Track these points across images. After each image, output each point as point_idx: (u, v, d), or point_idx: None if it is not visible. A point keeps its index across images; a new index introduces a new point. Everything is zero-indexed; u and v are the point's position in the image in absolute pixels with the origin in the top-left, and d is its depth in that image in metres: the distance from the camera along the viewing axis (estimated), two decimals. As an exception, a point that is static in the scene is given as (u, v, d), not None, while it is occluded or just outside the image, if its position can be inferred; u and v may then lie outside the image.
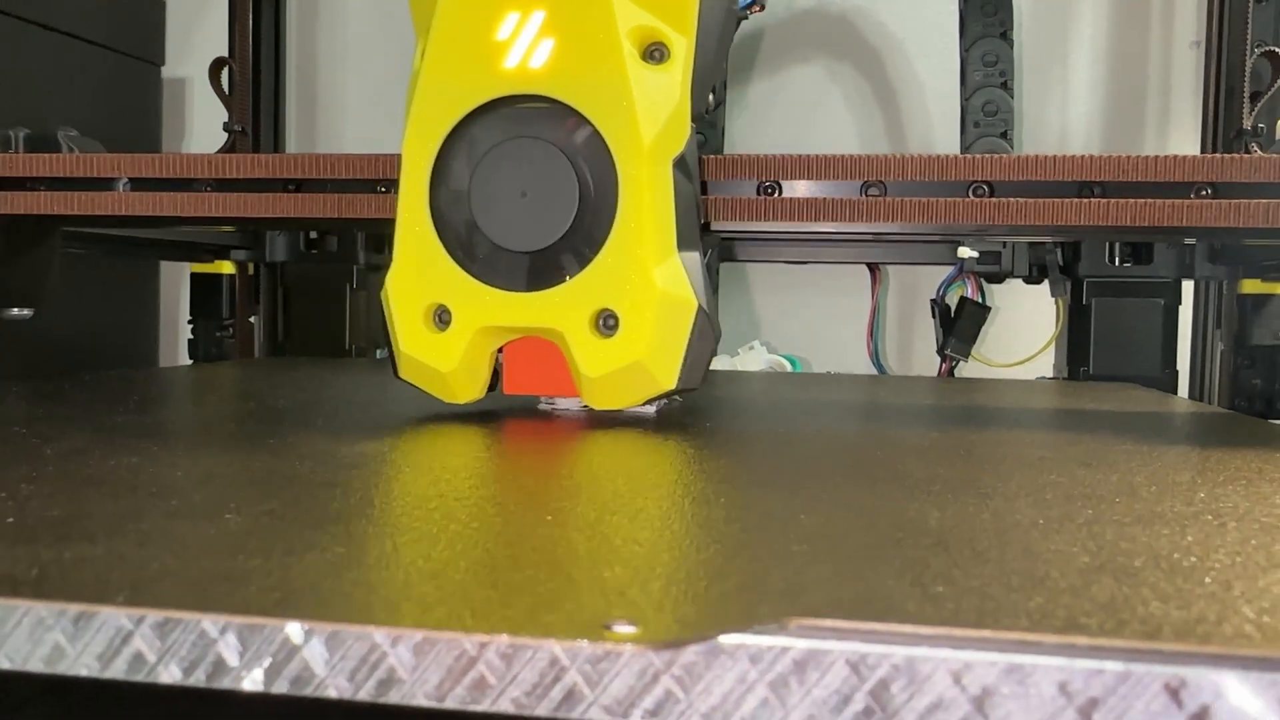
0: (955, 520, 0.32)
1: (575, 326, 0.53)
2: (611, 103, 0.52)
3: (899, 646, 0.22)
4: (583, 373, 0.53)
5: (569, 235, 0.52)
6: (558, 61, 0.52)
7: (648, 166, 0.52)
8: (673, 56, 0.53)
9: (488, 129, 0.53)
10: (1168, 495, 0.37)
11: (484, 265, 0.54)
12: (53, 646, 0.24)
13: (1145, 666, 0.21)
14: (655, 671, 0.22)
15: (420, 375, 0.56)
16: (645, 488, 0.38)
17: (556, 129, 0.52)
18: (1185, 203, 0.58)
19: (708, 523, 0.32)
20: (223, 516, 0.31)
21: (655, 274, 0.52)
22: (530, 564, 0.26)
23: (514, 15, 0.53)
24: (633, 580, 0.25)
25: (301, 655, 0.23)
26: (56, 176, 0.68)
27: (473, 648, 0.23)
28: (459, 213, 0.54)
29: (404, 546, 0.28)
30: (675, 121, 0.53)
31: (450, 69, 0.54)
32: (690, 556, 0.27)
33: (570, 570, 0.26)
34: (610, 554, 0.28)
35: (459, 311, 0.54)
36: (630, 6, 0.53)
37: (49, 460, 0.40)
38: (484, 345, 0.55)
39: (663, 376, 0.53)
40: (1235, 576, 0.26)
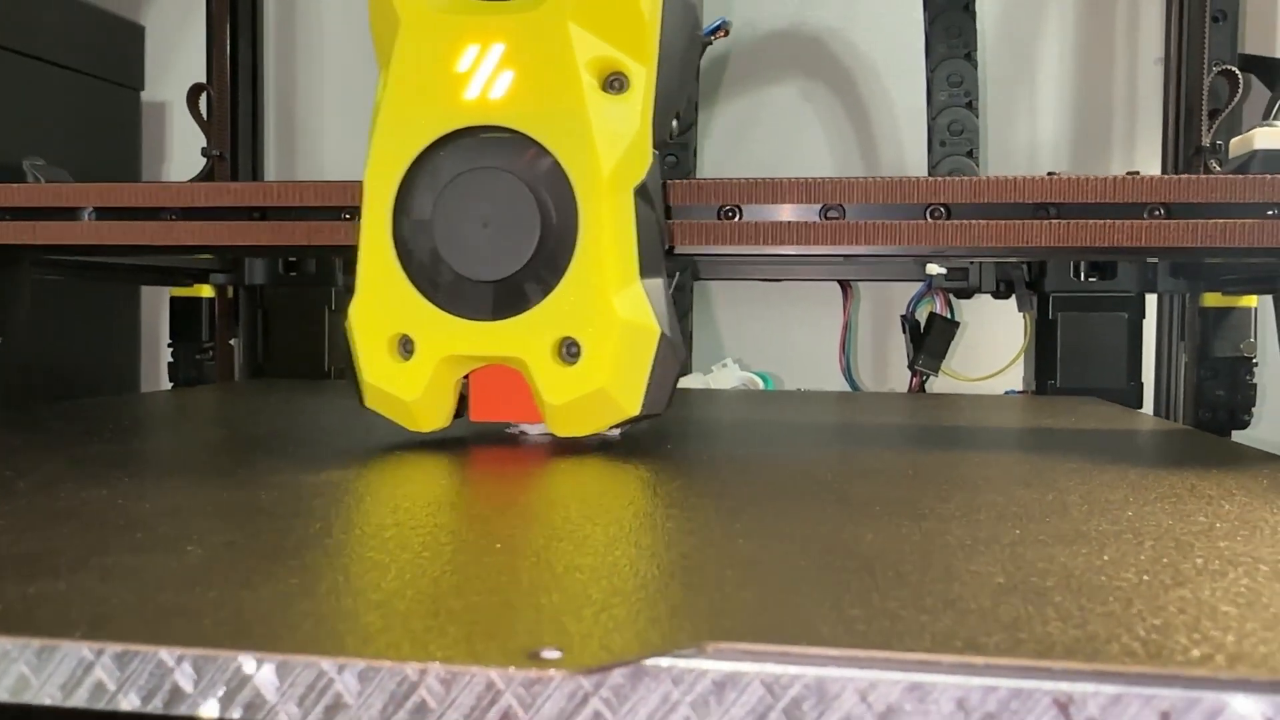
0: (886, 543, 0.34)
1: (538, 355, 0.53)
2: (571, 133, 0.53)
3: (809, 667, 0.23)
4: (546, 400, 0.54)
5: (531, 264, 0.53)
6: (517, 93, 0.53)
7: (608, 195, 0.53)
8: (632, 86, 0.54)
9: (449, 159, 0.54)
10: (1096, 514, 0.39)
11: (447, 294, 0.54)
12: (17, 677, 0.26)
13: (1035, 683, 0.22)
14: (584, 694, 0.24)
15: (385, 404, 0.56)
16: (595, 513, 0.39)
17: (517, 159, 0.53)
18: (1138, 223, 0.60)
19: (649, 548, 0.33)
20: (185, 549, 0.32)
21: (616, 302, 0.53)
22: (473, 591, 0.28)
23: (474, 47, 0.54)
24: (567, 607, 0.27)
25: (253, 683, 0.25)
26: (21, 206, 0.69)
27: (414, 674, 0.24)
28: (422, 242, 0.54)
29: (355, 577, 0.29)
30: (635, 150, 0.54)
31: (411, 100, 0.55)
32: (627, 582, 0.29)
33: (510, 597, 0.27)
34: (551, 581, 0.29)
35: (422, 341, 0.55)
36: (589, 38, 0.53)
37: (21, 494, 0.42)
38: (448, 374, 0.55)
39: (626, 403, 0.54)
40: (1137, 595, 0.28)
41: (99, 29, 1.17)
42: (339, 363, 1.17)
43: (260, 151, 1.21)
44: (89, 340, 1.15)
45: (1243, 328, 0.97)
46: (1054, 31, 1.20)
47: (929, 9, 1.06)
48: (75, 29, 1.12)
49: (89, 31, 1.15)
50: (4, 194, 0.70)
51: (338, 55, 1.28)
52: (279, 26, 1.27)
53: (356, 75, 1.27)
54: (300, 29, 1.29)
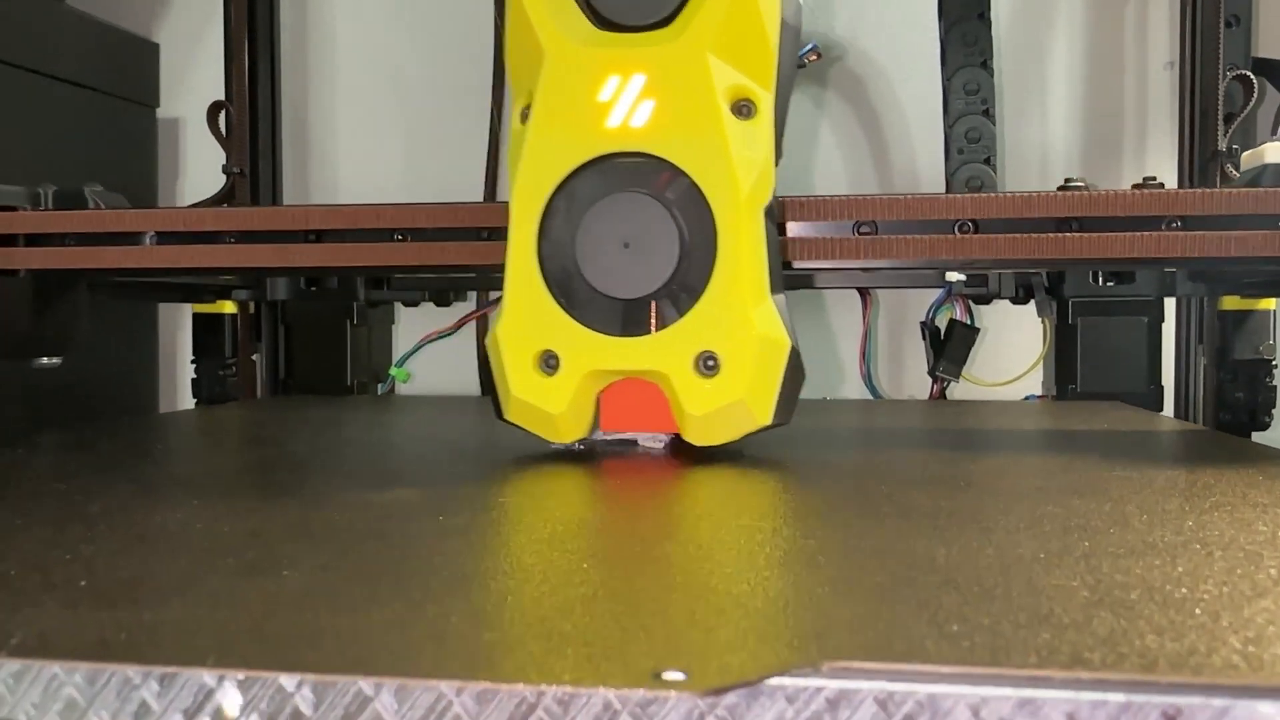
0: (962, 557, 0.34)
1: (678, 368, 0.56)
2: (711, 159, 0.56)
3: (922, 684, 0.24)
4: (686, 411, 0.56)
5: (670, 282, 0.56)
6: (658, 121, 0.56)
7: (745, 216, 0.56)
8: (760, 111, 0.57)
9: (592, 184, 0.57)
10: (1158, 524, 0.40)
11: (590, 312, 0.57)
12: (139, 704, 0.27)
13: (1144, 697, 0.23)
14: (700, 713, 0.24)
15: (528, 417, 0.59)
16: (670, 531, 0.40)
17: (657, 184, 0.56)
18: (1157, 234, 0.62)
19: (735, 566, 0.34)
20: (280, 574, 0.33)
21: (754, 317, 0.55)
22: (577, 613, 0.29)
23: (615, 78, 0.57)
24: (677, 627, 0.27)
25: (373, 707, 0.26)
26: (86, 232, 0.72)
27: (531, 695, 0.25)
28: (564, 263, 0.57)
29: (458, 599, 0.30)
30: (765, 172, 0.57)
31: (555, 128, 0.57)
32: (724, 600, 0.30)
33: (617, 618, 0.28)
34: (651, 601, 0.30)
35: (567, 356, 0.57)
36: (723, 67, 0.56)
37: (98, 517, 0.42)
38: (590, 387, 0.58)
39: (760, 413, 0.56)
40: (1223, 607, 0.29)
41: (114, 47, 1.18)
42: (361, 376, 1.17)
43: (279, 168, 1.22)
44: (109, 358, 1.15)
45: (1262, 330, 0.98)
46: (1063, 37, 1.21)
47: (945, 17, 1.06)
48: (90, 47, 1.13)
49: (104, 50, 1.16)
50: (69, 220, 0.72)
51: (351, 71, 1.29)
52: (292, 43, 1.27)
53: (369, 91, 1.28)
54: (313, 45, 1.29)
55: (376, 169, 1.27)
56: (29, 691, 0.26)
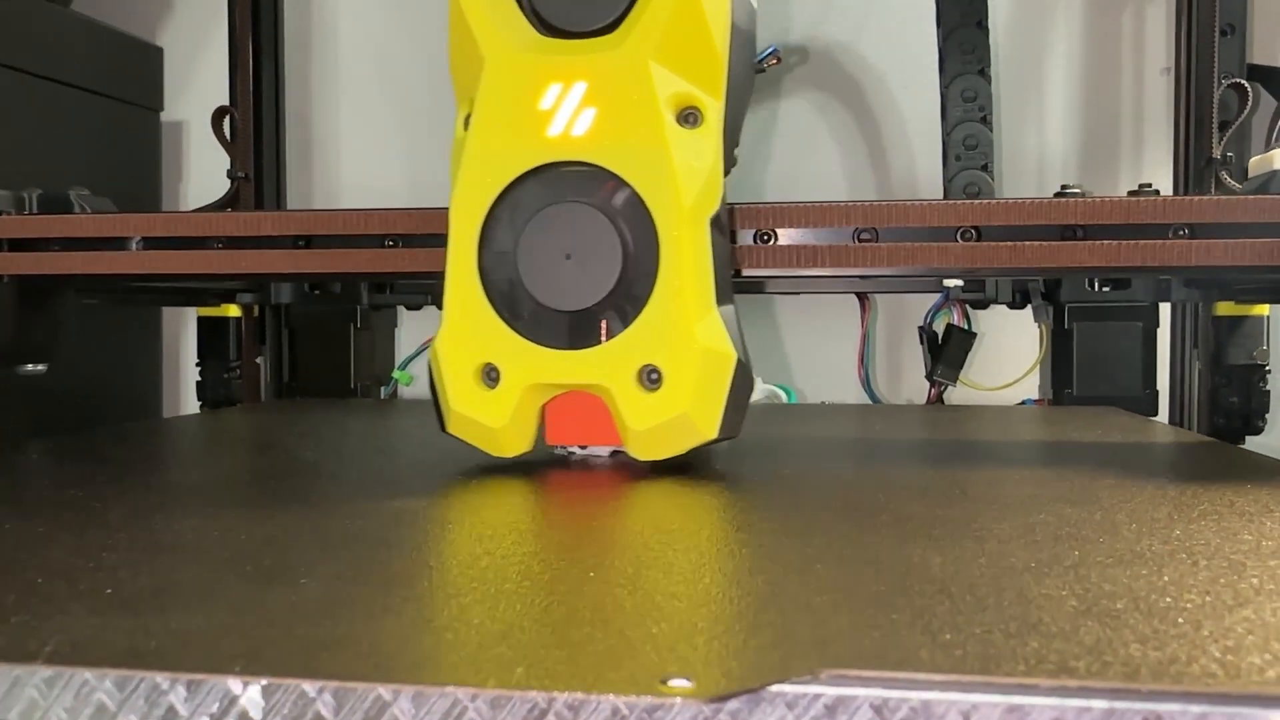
0: (956, 566, 0.36)
1: (620, 382, 0.55)
2: (653, 168, 0.55)
3: (916, 692, 0.25)
4: (629, 426, 0.56)
5: (612, 294, 0.55)
6: (600, 129, 0.55)
7: (688, 227, 0.55)
8: (707, 119, 0.56)
9: (533, 194, 0.56)
10: (1146, 533, 0.41)
11: (531, 325, 0.56)
12: (166, 709, 0.28)
13: (1126, 704, 0.24)
14: (704, 719, 0.25)
15: (470, 431, 0.58)
16: (671, 539, 0.41)
17: (599, 193, 0.56)
18: (1163, 243, 0.62)
19: (734, 575, 0.35)
20: (298, 582, 0.34)
21: (697, 330, 0.55)
22: (584, 622, 0.30)
23: (556, 86, 0.56)
24: (679, 635, 0.29)
25: (391, 712, 0.27)
26: (70, 237, 0.71)
27: (543, 701, 0.26)
28: (506, 275, 0.56)
29: (469, 608, 0.31)
30: (711, 181, 0.56)
31: (496, 137, 0.57)
32: (725, 609, 0.31)
33: (622, 627, 0.29)
34: (654, 609, 0.31)
35: (508, 370, 0.56)
36: (667, 74, 0.55)
37: (117, 525, 0.43)
38: (532, 401, 0.57)
39: (705, 427, 0.56)
40: (1205, 616, 0.30)
41: (118, 51, 1.18)
42: (364, 380, 1.18)
43: (283, 172, 1.23)
44: (112, 362, 1.16)
45: (1256, 336, 1.00)
46: (1060, 44, 1.22)
47: (943, 25, 1.07)
48: (94, 51, 1.14)
49: (108, 54, 1.16)
50: (54, 225, 0.72)
51: (354, 76, 1.30)
52: (296, 47, 1.28)
53: (373, 96, 1.29)
54: (317, 49, 1.30)
55: (380, 173, 1.28)
56: (61, 697, 0.27)
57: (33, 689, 0.27)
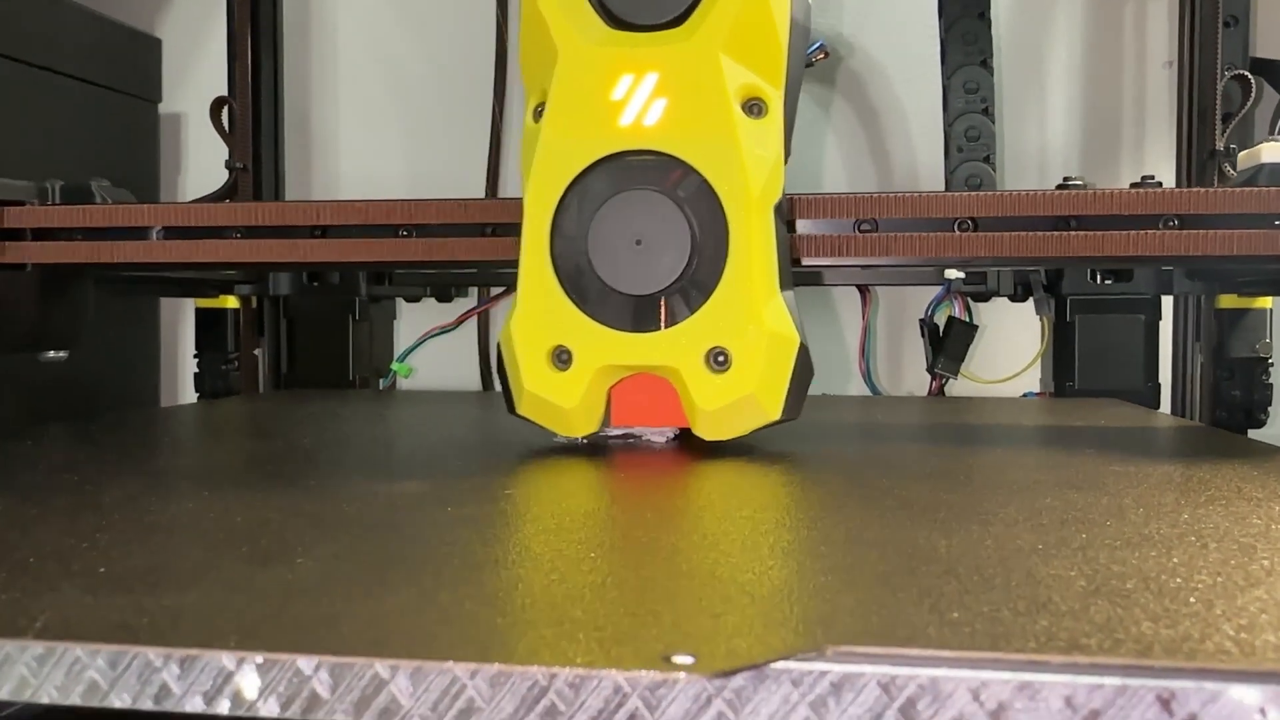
0: (963, 548, 0.35)
1: (690, 364, 0.57)
2: (723, 157, 0.56)
3: (924, 668, 0.25)
4: (698, 406, 0.57)
5: (681, 279, 0.57)
6: (671, 119, 0.57)
7: (755, 214, 0.56)
8: (770, 109, 0.58)
9: (605, 181, 0.58)
10: (1154, 517, 0.40)
11: (602, 308, 0.58)
12: (160, 686, 0.27)
13: (1139, 681, 0.24)
14: (708, 696, 0.25)
15: (541, 411, 0.59)
16: (675, 521, 0.41)
17: (669, 181, 0.57)
18: (1155, 233, 0.62)
19: (740, 554, 0.35)
20: (294, 561, 0.33)
21: (764, 313, 0.56)
22: (585, 599, 0.29)
23: (628, 77, 0.57)
24: (683, 612, 0.28)
25: (389, 689, 0.26)
26: (93, 226, 0.72)
27: (544, 678, 0.25)
28: (577, 260, 0.58)
29: (469, 586, 0.31)
30: (775, 170, 0.58)
31: (569, 126, 0.58)
32: (730, 588, 0.30)
33: (625, 604, 0.29)
34: (657, 587, 0.30)
35: (580, 352, 0.58)
36: (734, 66, 0.57)
37: (111, 508, 0.43)
38: (602, 382, 0.59)
39: (770, 408, 0.57)
40: (1216, 596, 0.29)
41: (117, 42, 1.18)
42: (362, 371, 1.18)
43: (281, 163, 1.23)
44: (111, 352, 1.16)
45: (1258, 328, 0.99)
46: (1063, 36, 1.21)
47: (945, 16, 1.07)
48: (93, 42, 1.13)
49: (107, 45, 1.16)
50: (76, 215, 0.73)
51: (353, 66, 1.29)
52: (295, 38, 1.28)
53: (372, 87, 1.28)
54: (315, 40, 1.30)
55: (379, 164, 1.28)
56: (52, 674, 0.27)
57: (23, 666, 0.27)
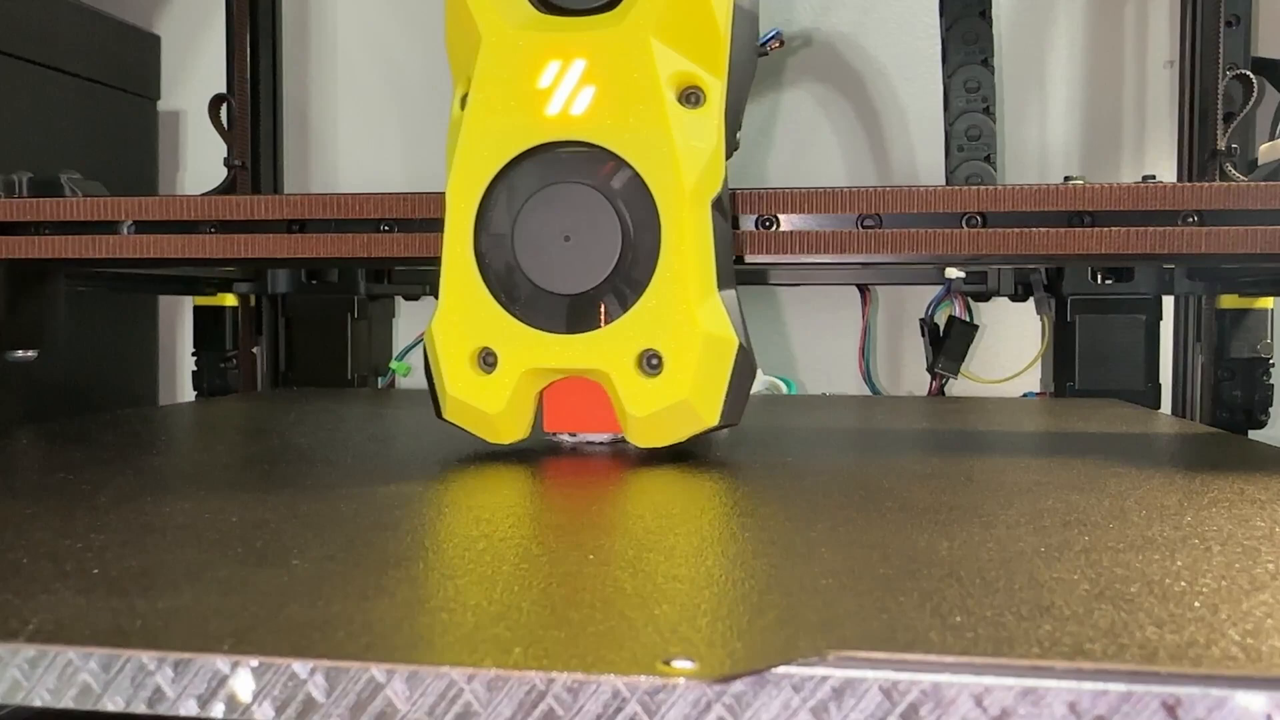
0: (964, 551, 0.35)
1: (620, 367, 0.54)
2: (654, 148, 0.53)
3: (926, 674, 0.24)
4: (629, 412, 0.54)
5: (612, 277, 0.54)
6: (599, 108, 0.54)
7: (689, 209, 0.53)
8: (709, 100, 0.55)
9: (531, 174, 0.55)
10: (1157, 520, 0.40)
11: (529, 308, 0.55)
12: (153, 690, 0.27)
13: (1145, 687, 0.24)
14: (708, 701, 0.25)
15: (466, 417, 0.57)
16: (672, 523, 0.40)
17: (598, 173, 0.54)
18: (1173, 230, 0.60)
19: (737, 558, 0.34)
20: (289, 563, 0.33)
21: (698, 314, 0.53)
22: (584, 603, 0.29)
23: (555, 64, 0.55)
24: (682, 617, 0.28)
25: (385, 693, 0.26)
26: (61, 220, 0.70)
27: (541, 682, 0.25)
28: (503, 257, 0.55)
29: (466, 589, 0.31)
30: (713, 163, 0.55)
31: (493, 116, 0.55)
32: (728, 591, 0.30)
33: (623, 609, 0.28)
34: (655, 591, 0.30)
35: (505, 354, 0.55)
36: (668, 52, 0.54)
37: (106, 508, 0.43)
38: (529, 386, 0.56)
39: (706, 413, 0.55)
40: (1221, 600, 0.29)
41: (115, 39, 1.18)
42: (361, 370, 1.18)
43: (280, 161, 1.22)
44: (106, 351, 1.15)
45: (1259, 329, 0.99)
46: (1064, 35, 1.21)
47: (946, 15, 1.07)
48: (92, 39, 1.13)
49: (105, 42, 1.15)
50: (43, 209, 0.71)
51: (352, 64, 1.29)
52: (294, 36, 1.28)
53: (371, 85, 1.28)
54: (314, 38, 1.29)
55: (377, 162, 1.27)
56: (45, 677, 0.27)
57: (15, 669, 0.27)
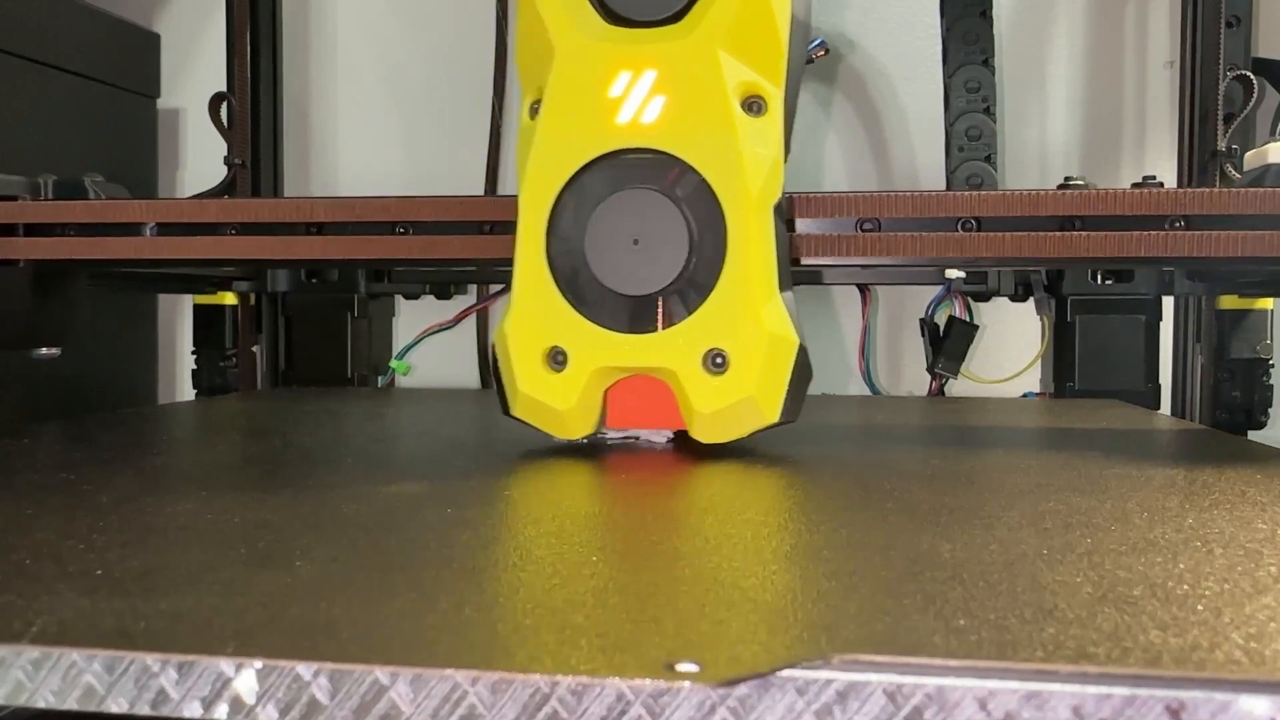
0: (966, 553, 0.35)
1: (687, 365, 0.56)
2: (722, 156, 0.56)
3: (930, 677, 0.24)
4: (695, 409, 0.56)
5: (678, 279, 0.56)
6: (669, 117, 0.56)
7: (754, 213, 0.56)
8: (770, 108, 0.57)
9: (602, 180, 0.57)
10: (1159, 521, 0.40)
11: (598, 309, 0.57)
12: (157, 691, 0.27)
13: (1148, 691, 0.24)
14: (712, 704, 0.25)
15: (536, 414, 0.59)
16: (676, 527, 0.40)
17: (666, 180, 0.56)
18: (1160, 234, 0.62)
19: (741, 560, 0.34)
20: (293, 564, 0.33)
21: (762, 315, 0.56)
22: (587, 605, 0.29)
23: (626, 74, 0.57)
24: (685, 619, 0.28)
25: (389, 695, 0.26)
26: (86, 222, 0.71)
27: (545, 685, 0.25)
28: (574, 260, 0.57)
29: (470, 591, 0.31)
30: (775, 169, 0.57)
31: (565, 124, 0.57)
32: (733, 594, 0.30)
33: (627, 610, 0.28)
34: (659, 594, 0.30)
35: (575, 353, 0.57)
36: (734, 63, 0.56)
37: (108, 508, 0.43)
38: (598, 384, 0.58)
39: (768, 410, 0.57)
40: (1224, 603, 0.29)
41: (115, 37, 1.18)
42: (361, 369, 1.18)
43: (280, 160, 1.22)
44: (108, 349, 1.15)
45: (1259, 329, 0.99)
46: (1064, 36, 1.21)
47: (946, 16, 1.07)
48: (91, 37, 1.13)
49: (105, 39, 1.15)
50: (70, 211, 0.72)
51: (352, 63, 1.29)
52: (294, 34, 1.27)
53: (371, 84, 1.28)
54: (314, 37, 1.29)
55: (377, 161, 1.27)
56: (48, 679, 0.27)
57: (19, 670, 0.27)
